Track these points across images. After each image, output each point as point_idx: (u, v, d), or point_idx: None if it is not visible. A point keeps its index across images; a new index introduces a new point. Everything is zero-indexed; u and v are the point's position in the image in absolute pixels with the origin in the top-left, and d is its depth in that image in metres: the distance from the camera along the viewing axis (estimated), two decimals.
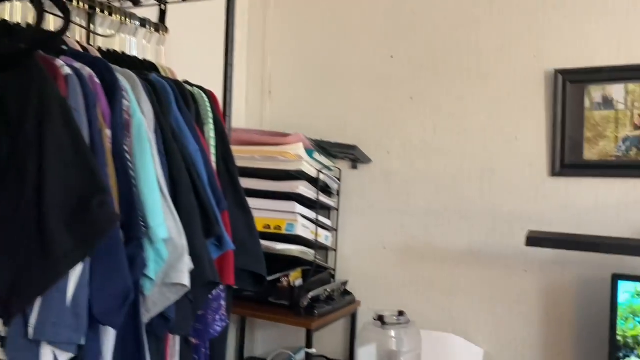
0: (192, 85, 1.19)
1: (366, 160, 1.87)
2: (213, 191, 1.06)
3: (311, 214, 1.75)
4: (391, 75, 1.85)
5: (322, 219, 1.81)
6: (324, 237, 1.85)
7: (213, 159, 1.14)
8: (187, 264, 0.91)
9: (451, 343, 1.71)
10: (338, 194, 1.91)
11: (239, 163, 1.77)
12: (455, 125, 1.76)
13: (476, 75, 1.73)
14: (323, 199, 1.80)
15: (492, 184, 1.70)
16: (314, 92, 1.98)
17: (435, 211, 1.78)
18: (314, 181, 1.75)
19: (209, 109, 1.15)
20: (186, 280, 0.90)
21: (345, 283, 1.88)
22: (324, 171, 1.78)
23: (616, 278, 1.36)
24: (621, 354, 1.35)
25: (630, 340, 1.35)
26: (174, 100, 1.05)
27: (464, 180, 1.74)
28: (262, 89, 2.06)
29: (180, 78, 1.21)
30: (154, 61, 1.30)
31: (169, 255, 0.90)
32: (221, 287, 1.15)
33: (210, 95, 1.18)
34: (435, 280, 1.78)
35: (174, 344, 1.11)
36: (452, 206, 1.75)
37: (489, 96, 1.71)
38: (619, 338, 1.35)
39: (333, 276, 1.91)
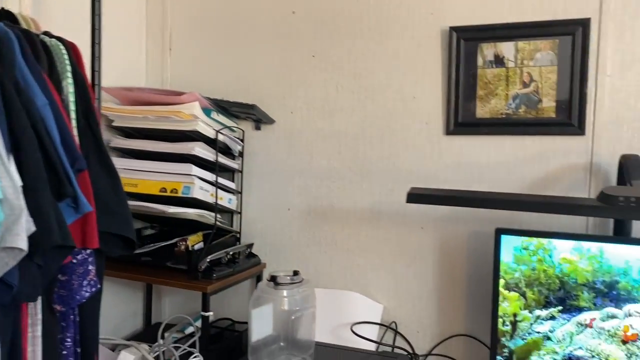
0: (51, 36, 1.11)
1: (269, 120, 1.83)
2: (67, 149, 0.99)
3: (210, 176, 1.70)
4: (293, 33, 1.80)
5: (224, 181, 1.77)
6: (227, 200, 1.81)
7: (73, 115, 1.07)
8: (24, 226, 0.85)
9: (352, 300, 1.73)
10: (241, 156, 1.87)
11: (132, 123, 1.72)
12: (356, 85, 1.74)
13: (376, 33, 1.70)
14: (223, 160, 1.75)
15: (391, 143, 1.70)
16: (216, 49, 1.91)
17: (337, 171, 1.77)
18: (212, 142, 1.70)
19: (67, 61, 1.07)
20: (23, 244, 0.85)
21: (250, 246, 1.86)
22: (223, 132, 1.73)
23: (499, 232, 1.39)
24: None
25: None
26: (20, 50, 0.97)
27: (366, 140, 1.73)
28: (162, 46, 1.97)
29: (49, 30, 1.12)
30: (15, 11, 1.19)
31: (4, 217, 0.84)
32: (87, 251, 1.10)
33: (69, 46, 1.10)
34: (338, 240, 1.78)
35: (35, 312, 1.05)
36: (354, 166, 1.75)
37: (388, 55, 1.69)
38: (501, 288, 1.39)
39: (238, 239, 1.88)
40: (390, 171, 1.70)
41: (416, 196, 1.27)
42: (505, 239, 1.39)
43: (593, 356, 1.31)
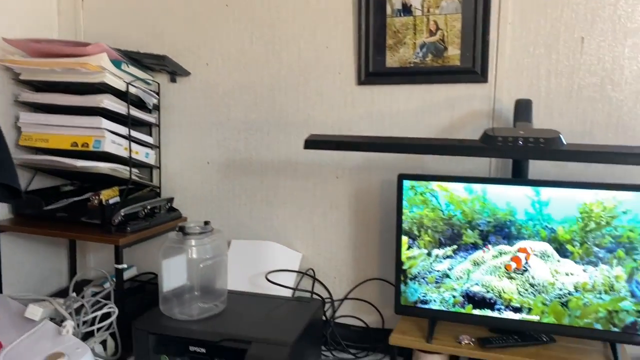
0: None
1: (183, 72, 1.80)
2: None
3: (123, 129, 1.67)
4: None
5: (139, 135, 1.75)
6: (144, 154, 1.79)
7: None
8: None
9: (272, 250, 1.76)
10: (158, 110, 1.84)
11: (39, 76, 1.66)
12: (270, 35, 1.72)
13: None
14: (137, 113, 1.73)
15: (306, 94, 1.71)
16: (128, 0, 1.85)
17: (255, 123, 1.77)
18: (123, 95, 1.66)
19: None
20: None
21: (170, 200, 1.86)
22: (135, 84, 1.70)
23: (401, 178, 1.44)
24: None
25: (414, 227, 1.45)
26: None
27: (281, 91, 1.73)
28: None
29: None
30: None
31: None
32: None
33: None
34: (257, 192, 1.80)
35: None
36: (271, 118, 1.75)
37: (301, 4, 1.68)
38: (405, 227, 1.45)
39: (158, 194, 1.88)
40: (306, 122, 1.71)
41: (313, 142, 1.29)
42: (407, 184, 1.44)
43: (488, 291, 1.39)
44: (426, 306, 1.45)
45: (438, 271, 1.43)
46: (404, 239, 1.45)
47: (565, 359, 1.32)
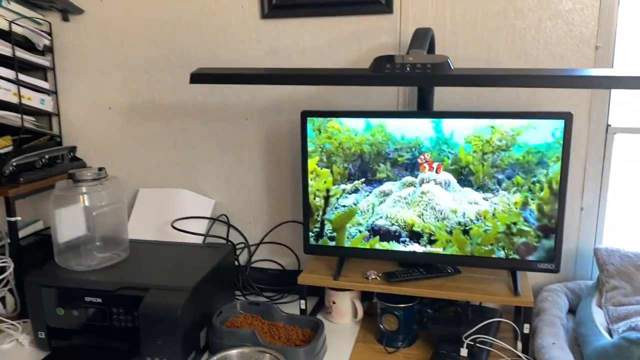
0: None
1: (75, 9, 1.66)
2: None
3: (11, 73, 1.54)
4: None
5: (32, 79, 1.62)
6: (39, 100, 1.67)
7: None
8: None
9: (182, 197, 1.69)
10: (51, 52, 1.71)
11: None
12: None
13: None
14: (25, 56, 1.59)
15: (209, 30, 1.61)
16: None
17: (156, 64, 1.67)
18: (6, 35, 1.52)
19: None
20: None
21: (72, 149, 1.75)
22: (20, 23, 1.55)
23: (305, 115, 1.38)
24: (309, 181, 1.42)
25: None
26: None
27: (182, 27, 1.63)
28: None
29: None
30: None
31: None
32: None
33: None
34: (163, 137, 1.71)
35: None
36: (173, 57, 1.65)
37: None
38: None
39: (59, 143, 1.76)
40: (210, 60, 1.62)
41: (199, 76, 1.21)
42: (311, 121, 1.38)
43: (393, 224, 1.38)
44: (333, 243, 1.42)
45: (344, 207, 1.40)
46: (321, 171, 1.41)
47: (469, 288, 1.34)
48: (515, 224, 1.29)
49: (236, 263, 1.66)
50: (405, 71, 1.06)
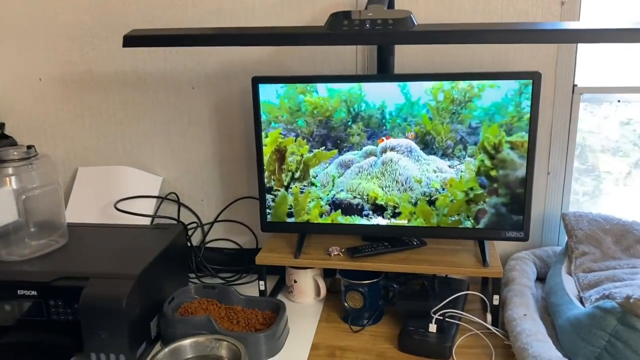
0: None
1: None
2: None
3: None
4: None
5: None
6: None
7: None
8: None
9: (126, 175, 1.56)
10: None
11: None
12: None
13: None
14: None
15: None
16: None
17: (89, 28, 1.50)
18: None
19: None
20: None
21: (1, 126, 1.58)
22: None
23: (256, 81, 1.27)
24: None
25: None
26: None
27: None
28: None
29: None
30: None
31: None
32: None
33: None
34: (102, 110, 1.56)
35: None
36: (109, 20, 1.49)
37: None
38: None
39: None
40: (151, 23, 1.47)
41: (134, 39, 1.07)
42: (264, 88, 1.27)
43: (355, 197, 1.29)
44: (292, 220, 1.33)
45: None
46: (284, 140, 1.30)
47: (435, 260, 1.27)
48: (471, 189, 1.23)
49: (188, 244, 1.54)
50: (365, 28, 0.95)
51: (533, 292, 1.27)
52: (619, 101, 1.39)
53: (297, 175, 1.30)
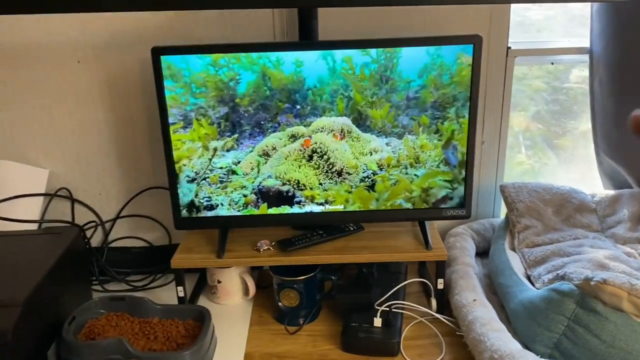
0: None
1: None
2: None
3: None
4: None
5: None
6: None
7: None
8: None
9: (3, 171, 1.28)
10: None
11: None
12: None
13: None
14: None
15: None
16: None
17: None
18: None
19: None
20: None
21: None
22: None
23: (157, 53, 1.05)
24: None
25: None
26: None
27: None
28: None
29: None
30: None
31: None
32: None
33: None
34: None
35: None
36: None
37: None
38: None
39: None
40: None
41: None
42: (167, 61, 1.06)
43: (284, 183, 1.13)
44: (212, 213, 1.15)
45: (221, 168, 1.13)
46: (178, 133, 1.10)
47: (375, 246, 1.16)
48: (433, 176, 1.12)
49: (88, 248, 1.32)
50: None
51: (476, 271, 1.20)
52: (552, 63, 1.33)
53: (210, 164, 1.12)
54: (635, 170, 1.25)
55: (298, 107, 1.08)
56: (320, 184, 1.13)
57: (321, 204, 1.14)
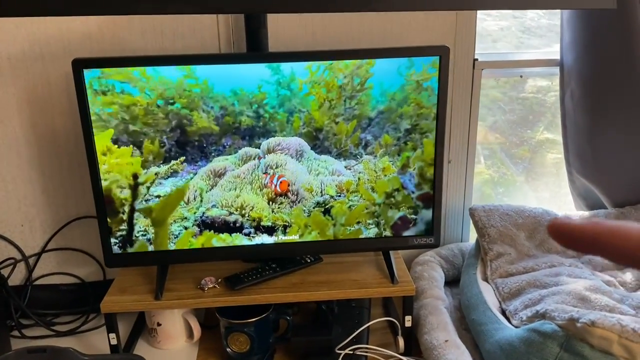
0: None
1: None
2: None
3: None
4: None
5: None
6: None
7: None
8: None
9: None
10: None
11: None
12: None
13: None
14: None
15: None
16: None
17: None
18: None
19: None
20: None
21: None
22: None
23: (78, 65, 0.90)
24: None
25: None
26: None
27: None
28: None
29: None
30: None
31: None
32: None
33: None
34: None
35: None
36: None
37: None
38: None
39: None
40: None
41: None
42: (90, 75, 0.91)
43: (232, 212, 1.00)
44: (151, 248, 1.00)
45: (158, 197, 0.98)
46: (118, 149, 0.95)
47: (335, 281, 1.04)
48: (394, 193, 1.01)
49: (7, 288, 1.14)
50: None
51: (446, 304, 1.09)
52: (521, 76, 1.24)
53: (149, 193, 0.97)
54: (610, 189, 1.18)
55: (247, 126, 0.95)
56: (273, 211, 1.00)
57: (272, 229, 1.01)
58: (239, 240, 1.01)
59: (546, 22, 1.37)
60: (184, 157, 0.96)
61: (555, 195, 1.41)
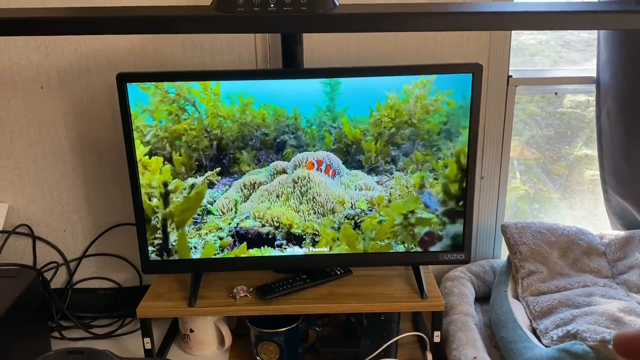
0: None
1: None
2: None
3: None
4: None
5: None
6: None
7: None
8: None
9: None
10: None
11: None
12: None
13: None
14: None
15: None
16: None
17: None
18: None
19: None
20: None
21: None
22: None
23: (122, 79, 0.95)
24: None
25: None
26: None
27: None
28: None
29: None
30: None
31: None
32: None
33: None
34: None
35: None
36: None
37: None
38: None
39: None
40: None
41: None
42: (134, 89, 0.95)
43: (263, 225, 1.02)
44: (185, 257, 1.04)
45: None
46: (149, 160, 0.99)
47: (364, 294, 1.05)
48: (412, 212, 1.01)
49: (49, 290, 1.19)
50: (269, 10, 0.68)
51: (476, 321, 1.09)
52: (556, 93, 1.24)
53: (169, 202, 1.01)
54: None
55: (279, 141, 0.98)
56: (304, 220, 1.02)
57: (301, 239, 1.03)
58: (271, 251, 1.03)
59: (586, 36, 1.35)
60: (219, 168, 0.99)
61: (591, 213, 1.39)
